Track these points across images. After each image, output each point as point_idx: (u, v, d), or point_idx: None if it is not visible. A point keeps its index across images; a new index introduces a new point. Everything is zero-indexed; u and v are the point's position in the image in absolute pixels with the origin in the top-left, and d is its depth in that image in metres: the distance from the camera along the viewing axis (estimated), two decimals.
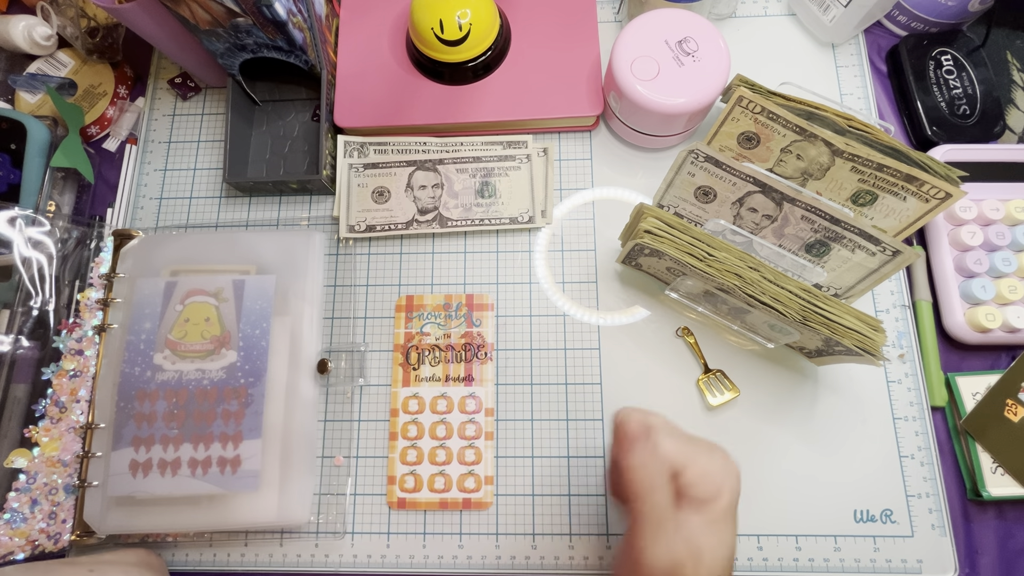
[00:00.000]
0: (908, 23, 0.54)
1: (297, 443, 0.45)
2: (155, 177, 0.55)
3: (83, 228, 0.50)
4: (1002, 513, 0.45)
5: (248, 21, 0.45)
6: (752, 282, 0.40)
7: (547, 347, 0.48)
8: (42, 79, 0.55)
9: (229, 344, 0.45)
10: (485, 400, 0.47)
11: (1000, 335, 0.46)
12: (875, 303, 0.48)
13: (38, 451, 0.45)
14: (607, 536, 0.45)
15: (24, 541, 0.43)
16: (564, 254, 0.51)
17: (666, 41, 0.46)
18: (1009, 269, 0.46)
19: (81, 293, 0.48)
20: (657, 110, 0.46)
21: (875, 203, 0.43)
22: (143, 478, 0.43)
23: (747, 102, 0.42)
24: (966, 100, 0.51)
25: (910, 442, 0.45)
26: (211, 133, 0.56)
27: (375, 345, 0.49)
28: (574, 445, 0.46)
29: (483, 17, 0.49)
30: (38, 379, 0.46)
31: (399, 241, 0.52)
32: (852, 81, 0.53)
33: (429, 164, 0.52)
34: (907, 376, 0.47)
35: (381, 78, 0.53)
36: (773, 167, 0.45)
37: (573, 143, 0.53)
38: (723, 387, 0.46)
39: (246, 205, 0.53)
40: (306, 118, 0.55)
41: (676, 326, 0.48)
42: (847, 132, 0.42)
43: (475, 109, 0.51)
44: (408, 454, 0.47)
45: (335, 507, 0.46)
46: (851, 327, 0.39)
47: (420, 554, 0.45)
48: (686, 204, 0.45)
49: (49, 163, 0.51)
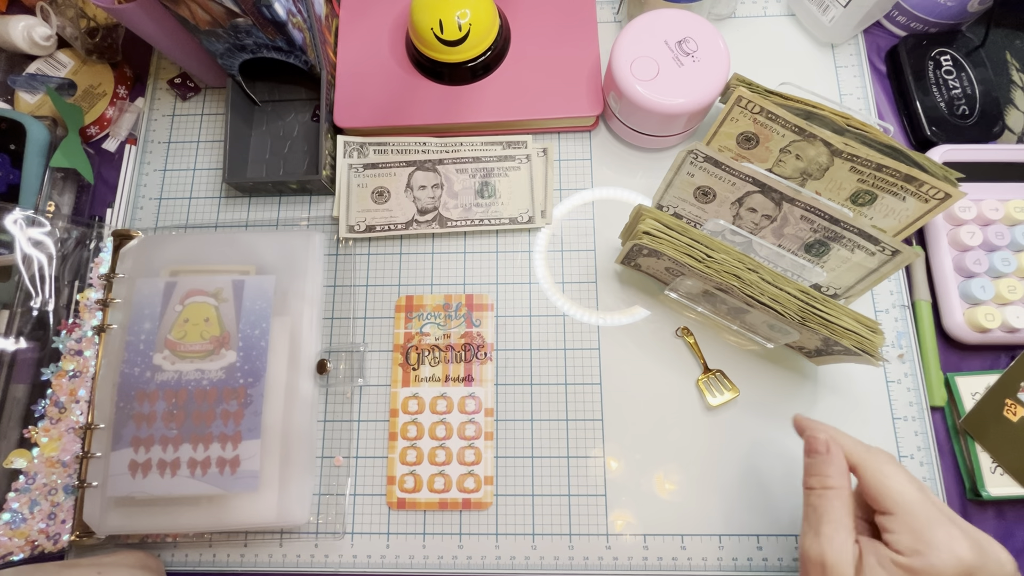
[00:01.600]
0: (907, 23, 0.54)
1: (297, 443, 0.45)
2: (155, 177, 0.55)
3: (83, 228, 0.50)
4: (1001, 513, 0.45)
5: (248, 21, 0.45)
6: (751, 283, 0.40)
7: (547, 347, 0.48)
8: (42, 79, 0.55)
9: (228, 344, 0.45)
10: (485, 400, 0.47)
11: (999, 335, 0.46)
12: (874, 303, 0.48)
13: (38, 451, 0.45)
14: (607, 536, 0.45)
15: (23, 541, 0.43)
16: (564, 254, 0.51)
17: (666, 41, 0.46)
18: (1008, 269, 0.46)
19: (81, 293, 0.48)
20: (657, 110, 0.46)
21: (874, 203, 0.43)
22: (142, 479, 0.43)
23: (746, 102, 0.42)
24: (965, 100, 0.51)
25: (909, 442, 0.45)
26: (211, 133, 0.56)
27: (375, 345, 0.49)
28: (574, 445, 0.46)
29: (483, 17, 0.49)
30: (38, 379, 0.46)
31: (399, 241, 0.52)
32: (851, 81, 0.53)
33: (429, 164, 0.52)
34: (906, 376, 0.47)
35: (381, 78, 0.53)
36: (772, 167, 0.45)
37: (573, 143, 0.53)
38: (723, 387, 0.46)
39: (246, 205, 0.53)
40: (306, 118, 0.55)
41: (676, 326, 0.48)
42: (846, 132, 0.42)
43: (475, 109, 0.51)
44: (408, 454, 0.47)
45: (335, 507, 0.46)
46: (849, 328, 0.39)
47: (420, 554, 0.45)
48: (685, 204, 0.45)
49: (49, 163, 0.51)
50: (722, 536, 0.44)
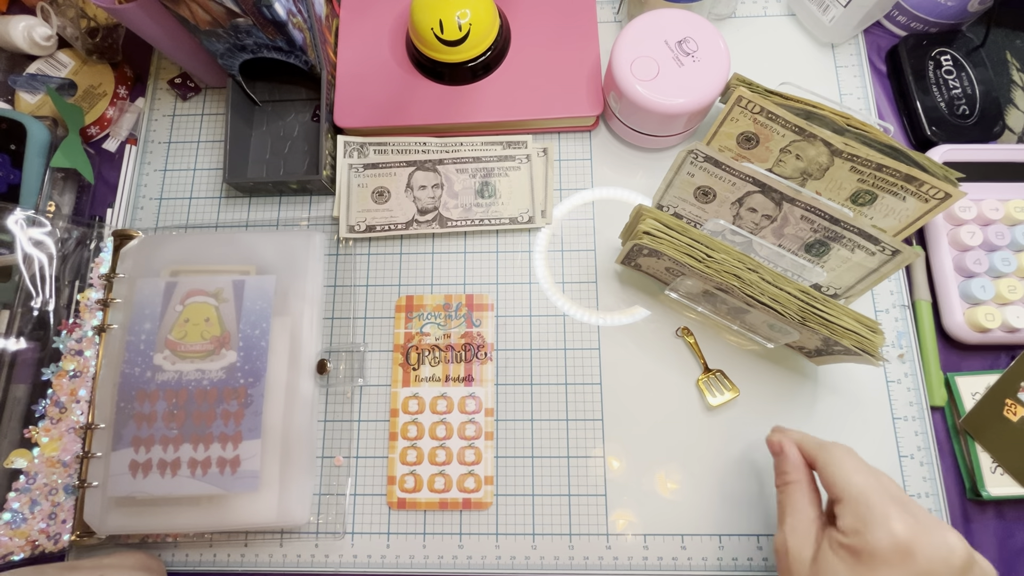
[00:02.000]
0: (908, 23, 0.54)
1: (297, 443, 0.45)
2: (155, 177, 0.55)
3: (83, 228, 0.50)
4: (1001, 513, 0.45)
5: (248, 21, 0.45)
6: (751, 283, 0.40)
7: (547, 347, 0.49)
8: (42, 79, 0.55)
9: (229, 344, 0.45)
10: (485, 400, 0.47)
11: (999, 335, 0.46)
12: (875, 303, 0.48)
13: (38, 451, 0.45)
14: (607, 536, 0.45)
15: (24, 541, 0.43)
16: (564, 254, 0.51)
17: (666, 41, 0.46)
18: (1008, 269, 0.46)
19: (81, 293, 0.48)
20: (657, 110, 0.46)
21: (874, 203, 0.43)
22: (143, 478, 0.43)
23: (746, 102, 0.42)
24: (965, 100, 0.51)
25: (909, 442, 0.45)
26: (211, 133, 0.56)
27: (375, 345, 0.49)
28: (574, 445, 0.46)
29: (483, 17, 0.49)
30: (38, 379, 0.46)
31: (399, 241, 0.52)
32: (852, 81, 0.53)
33: (429, 164, 0.52)
34: (906, 376, 0.47)
35: (381, 78, 0.53)
36: (772, 167, 0.45)
37: (573, 143, 0.53)
38: (723, 387, 0.46)
39: (246, 205, 0.53)
40: (306, 118, 0.55)
41: (676, 326, 0.48)
42: (846, 132, 0.42)
43: (475, 109, 0.51)
44: (408, 454, 0.47)
45: (335, 507, 0.46)
46: (850, 328, 0.39)
47: (420, 554, 0.45)
48: (685, 204, 0.45)
49: (49, 163, 0.51)
50: (722, 536, 0.44)
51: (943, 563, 0.29)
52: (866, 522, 0.30)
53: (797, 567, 0.32)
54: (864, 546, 0.30)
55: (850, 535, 0.31)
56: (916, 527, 0.29)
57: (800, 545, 0.32)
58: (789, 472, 0.36)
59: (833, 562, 0.31)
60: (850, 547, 0.30)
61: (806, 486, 0.35)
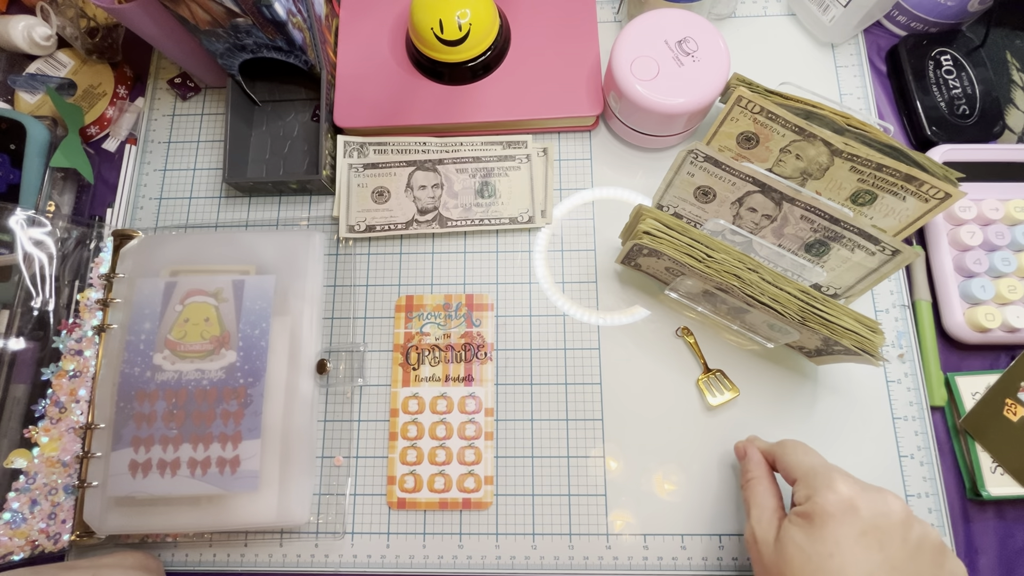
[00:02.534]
0: (908, 23, 0.54)
1: (297, 443, 0.45)
2: (155, 177, 0.55)
3: (83, 228, 0.50)
4: (1002, 513, 0.45)
5: (248, 21, 0.45)
6: (751, 283, 0.40)
7: (547, 347, 0.48)
8: (42, 79, 0.55)
9: (228, 344, 0.45)
10: (485, 400, 0.47)
11: (999, 335, 0.46)
12: (875, 303, 0.48)
13: (38, 451, 0.45)
14: (607, 536, 0.45)
15: (24, 541, 0.43)
16: (564, 254, 0.51)
17: (666, 41, 0.46)
18: (1008, 269, 0.46)
19: (81, 293, 0.48)
20: (657, 110, 0.46)
21: (874, 203, 0.43)
22: (143, 478, 0.43)
23: (746, 102, 0.42)
24: (965, 100, 0.51)
25: (909, 442, 0.45)
26: (211, 133, 0.56)
27: (375, 345, 0.49)
28: (574, 445, 0.46)
29: (483, 17, 0.49)
30: (38, 379, 0.46)
31: (399, 241, 0.52)
32: (852, 81, 0.53)
33: (429, 164, 0.52)
34: (906, 376, 0.47)
35: (381, 78, 0.53)
36: (772, 167, 0.45)
37: (573, 143, 0.53)
38: (723, 387, 0.46)
39: (246, 205, 0.53)
40: (306, 118, 0.55)
41: (676, 326, 0.48)
42: (846, 131, 0.42)
43: (475, 109, 0.51)
44: (408, 454, 0.47)
45: (335, 507, 0.46)
46: (850, 328, 0.39)
47: (420, 554, 0.45)
48: (685, 204, 0.45)
49: (49, 163, 0.51)
50: (722, 536, 0.44)
51: (884, 517, 0.32)
52: (816, 488, 0.34)
53: (764, 549, 0.35)
54: (814, 508, 0.33)
55: (803, 503, 0.34)
56: (858, 487, 0.33)
57: (765, 531, 0.36)
58: (751, 470, 0.39)
59: (792, 531, 0.34)
60: (804, 513, 0.34)
61: (766, 481, 0.39)
